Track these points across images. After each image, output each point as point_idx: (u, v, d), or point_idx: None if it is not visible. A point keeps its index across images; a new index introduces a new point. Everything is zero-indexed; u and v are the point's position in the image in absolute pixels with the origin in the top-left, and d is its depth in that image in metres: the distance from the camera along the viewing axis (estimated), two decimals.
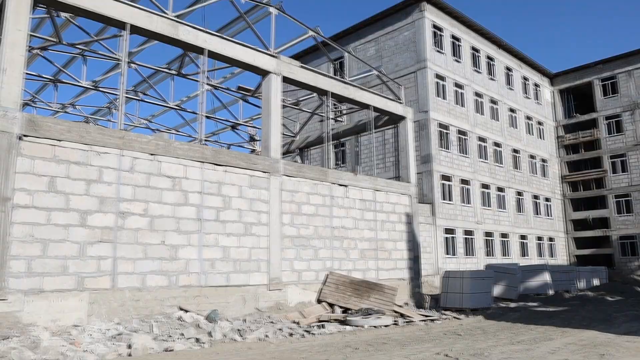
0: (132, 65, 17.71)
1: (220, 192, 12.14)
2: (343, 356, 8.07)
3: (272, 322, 11.47)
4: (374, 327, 11.93)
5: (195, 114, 21.65)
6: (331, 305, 13.66)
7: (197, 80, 17.87)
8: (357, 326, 11.89)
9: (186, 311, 10.81)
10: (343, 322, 12.27)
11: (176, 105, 21.10)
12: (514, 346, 9.03)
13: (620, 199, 34.99)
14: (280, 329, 10.79)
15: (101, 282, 9.98)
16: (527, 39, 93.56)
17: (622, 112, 35.50)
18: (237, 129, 23.50)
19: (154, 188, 11.01)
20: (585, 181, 37.41)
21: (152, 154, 11.08)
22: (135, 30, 11.71)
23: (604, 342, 9.44)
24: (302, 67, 14.97)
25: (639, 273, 32.49)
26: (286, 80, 14.61)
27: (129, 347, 8.35)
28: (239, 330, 10.27)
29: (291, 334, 10.53)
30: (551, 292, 21.87)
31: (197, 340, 9.31)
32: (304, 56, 30.67)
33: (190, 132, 24.90)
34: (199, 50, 12.79)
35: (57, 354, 7.75)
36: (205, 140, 23.56)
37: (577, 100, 39.61)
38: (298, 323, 11.85)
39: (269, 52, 14.03)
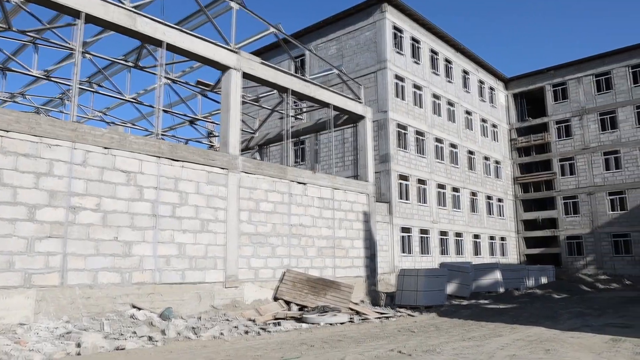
0: (87, 55, 17.12)
1: (177, 187, 11.93)
2: (298, 353, 8.10)
3: (227, 320, 11.37)
4: (330, 324, 12.02)
5: (153, 107, 21.16)
6: (288, 303, 13.67)
7: (154, 73, 17.48)
8: (313, 324, 11.95)
9: (139, 309, 10.57)
10: (299, 320, 12.31)
11: (132, 98, 20.55)
12: (465, 342, 9.30)
13: (568, 201, 36.59)
14: (235, 327, 10.72)
15: (50, 278, 9.63)
16: (484, 43, 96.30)
17: (571, 117, 37.11)
18: (195, 124, 23.12)
19: (107, 182, 10.71)
20: (536, 183, 38.94)
21: (106, 148, 10.77)
22: (91, 19, 11.34)
23: (550, 338, 9.86)
24: (262, 63, 14.89)
25: (584, 272, 34.10)
26: (246, 76, 14.50)
27: (78, 345, 8.10)
28: (193, 328, 10.13)
29: (247, 332, 10.48)
30: (502, 290, 22.64)
31: (150, 338, 9.13)
32: (265, 53, 30.50)
33: (146, 126, 24.32)
34: (158, 43, 12.51)
35: (1, 353, 7.43)
36: (162, 135, 23.06)
37: (530, 104, 41.15)
38: (254, 321, 11.80)
39: (229, 48, 13.87)
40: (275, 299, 13.78)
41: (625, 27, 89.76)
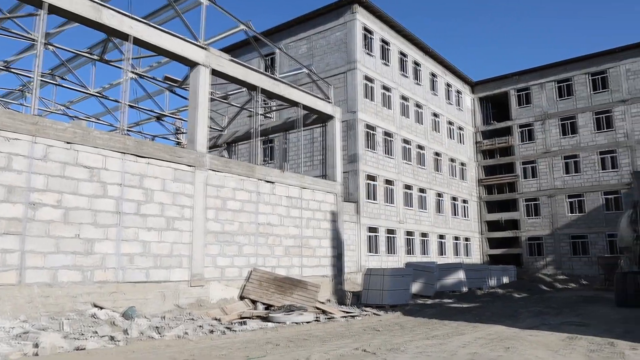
0: (50, 47, 16.59)
1: (142, 184, 11.70)
2: (263, 352, 8.08)
3: (192, 319, 11.23)
4: (296, 323, 12.03)
5: (118, 102, 20.67)
6: (254, 302, 13.61)
7: (120, 68, 17.08)
8: (279, 323, 11.93)
9: (101, 308, 10.33)
10: (265, 319, 12.27)
11: (97, 93, 20.03)
12: (428, 341, 9.47)
13: (530, 203, 37.69)
14: (200, 326, 10.60)
15: (6, 277, 9.30)
16: (452, 47, 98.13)
17: (534, 122, 38.23)
18: (162, 120, 22.72)
19: (69, 178, 10.41)
20: (500, 185, 39.96)
21: (68, 143, 10.47)
22: (54, 10, 11.00)
23: (510, 336, 10.14)
24: (232, 60, 14.77)
25: (544, 272, 35.20)
26: (215, 73, 14.35)
27: (36, 346, 7.85)
28: (157, 327, 9.97)
29: (212, 331, 10.38)
30: (465, 289, 23.14)
31: (112, 338, 8.93)
32: (235, 50, 30.23)
33: (111, 121, 23.77)
34: (124, 37, 12.24)
35: None
36: (128, 131, 22.56)
37: (495, 108, 42.19)
38: (219, 320, 11.70)
39: (198, 43, 13.70)
40: (242, 298, 13.69)
41: (586, 35, 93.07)
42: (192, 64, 13.73)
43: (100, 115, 23.76)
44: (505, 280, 29.23)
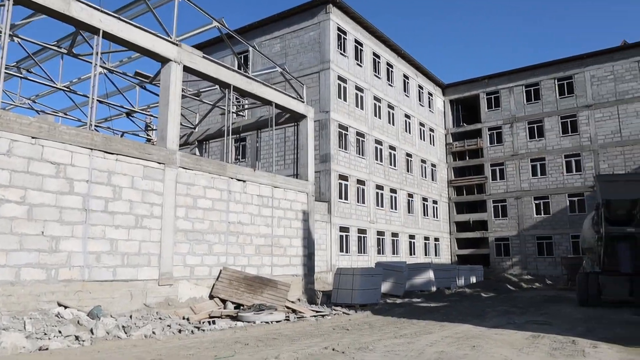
0: (16, 39, 16.07)
1: (111, 181, 11.47)
2: (232, 352, 8.03)
3: (160, 319, 11.08)
4: (266, 322, 12.00)
5: (86, 97, 20.19)
6: (224, 301, 13.51)
7: (89, 62, 16.67)
8: (248, 322, 11.88)
9: (66, 307, 10.08)
10: (235, 318, 12.20)
11: (65, 87, 19.50)
12: (397, 340, 9.58)
13: (498, 204, 38.53)
14: (168, 326, 10.47)
15: None
16: (424, 50, 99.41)
17: (502, 125, 39.09)
18: (132, 117, 22.29)
19: (34, 174, 10.12)
20: (469, 186, 40.73)
21: (33, 137, 10.18)
22: (20, 0, 10.67)
23: (476, 334, 10.35)
24: (204, 57, 14.61)
25: (510, 272, 36.05)
26: (187, 69, 14.17)
27: None
28: (124, 327, 9.79)
29: (180, 331, 10.27)
30: (434, 288, 23.49)
31: (77, 338, 8.73)
32: (208, 47, 29.94)
33: (80, 117, 23.16)
34: (94, 30, 11.96)
35: None
36: (96, 126, 22.05)
37: (466, 110, 42.98)
38: (188, 319, 11.58)
39: (170, 39, 13.50)
40: (211, 297, 13.57)
41: (553, 41, 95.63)
42: (163, 60, 13.53)
43: (68, 110, 23.14)
44: (473, 280, 29.81)
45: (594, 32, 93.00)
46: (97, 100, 19.21)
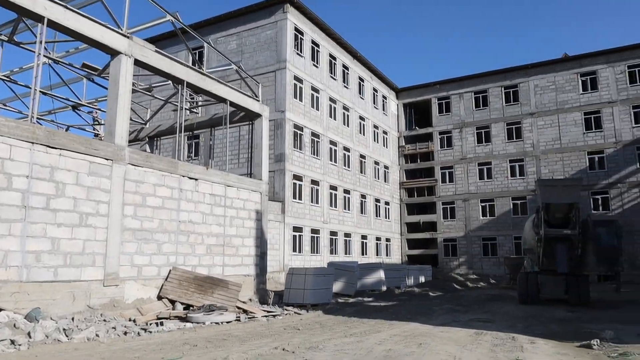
0: None
1: (53, 177, 10.97)
2: (180, 354, 7.87)
3: (105, 321, 10.69)
4: (216, 323, 11.83)
5: (29, 88, 19.23)
6: (173, 302, 13.20)
7: (32, 51, 15.89)
8: (198, 323, 11.67)
9: (0, 310, 9.55)
10: (184, 319, 11.96)
11: (5, 76, 18.49)
12: (347, 339, 9.68)
13: (447, 206, 39.66)
14: (113, 328, 10.12)
15: None
16: (379, 53, 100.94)
17: (452, 129, 40.27)
18: (78, 110, 21.40)
19: None
20: (420, 188, 41.71)
21: None
22: None
23: (423, 332, 10.62)
24: (157, 51, 14.24)
25: (457, 271, 37.20)
26: (139, 63, 13.76)
27: None
28: (64, 329, 9.38)
29: (126, 333, 9.95)
30: (384, 288, 23.89)
31: (13, 342, 8.29)
32: (161, 41, 29.23)
33: (21, 108, 22.02)
34: (37, 18, 11.40)
35: None
36: (39, 119, 21.06)
37: (418, 114, 43.99)
38: (134, 321, 11.24)
39: (120, 31, 13.07)
40: (160, 298, 13.23)
41: (503, 49, 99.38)
42: (113, 53, 13.07)
43: (7, 100, 21.93)
44: (422, 279, 30.53)
45: (538, 44, 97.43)
46: (40, 91, 18.34)
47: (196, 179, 15.00)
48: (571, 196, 16.82)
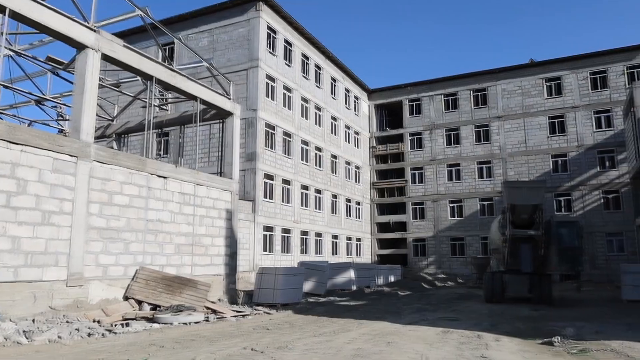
0: None
1: (15, 174, 10.60)
2: (146, 355, 7.72)
3: (68, 322, 10.40)
4: (184, 324, 11.67)
5: None
6: (140, 302, 12.95)
7: None
8: (166, 323, 11.48)
9: None
10: (151, 320, 11.74)
11: None
12: (316, 338, 9.69)
13: (417, 206, 40.16)
14: (77, 329, 9.86)
15: None
16: (352, 54, 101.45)
17: (423, 131, 40.81)
18: (42, 105, 20.76)
19: None
20: (391, 189, 42.12)
21: None
22: None
23: (392, 331, 10.73)
24: (125, 46, 13.93)
25: (426, 271, 37.71)
26: (107, 58, 13.44)
27: None
28: (25, 331, 9.08)
29: (90, 334, 9.70)
30: (354, 287, 24.02)
31: None
32: (131, 36, 28.59)
33: None
34: (0, 8, 11.00)
35: None
36: (0, 114, 20.35)
37: (390, 115, 44.42)
38: (99, 322, 10.98)
39: (87, 25, 12.73)
40: (126, 298, 12.95)
41: (473, 53, 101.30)
42: (80, 46, 12.73)
43: None
44: (392, 279, 30.82)
45: (506, 47, 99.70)
46: (2, 84, 17.73)
47: (165, 177, 14.75)
48: (536, 198, 17.26)
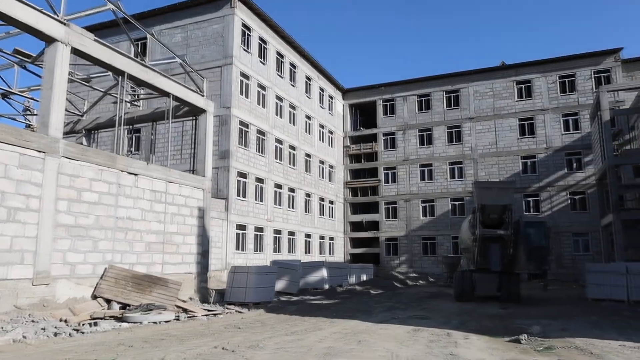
0: None
1: None
2: (114, 354, 7.62)
3: (33, 321, 10.16)
4: (154, 323, 11.53)
5: None
6: (109, 301, 12.73)
7: None
8: (135, 323, 11.33)
9: None
10: (120, 319, 11.57)
11: None
12: (288, 337, 9.72)
13: (389, 206, 40.54)
14: (43, 329, 9.64)
15: None
16: (327, 53, 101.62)
17: (396, 131, 41.21)
18: (9, 99, 20.17)
19: None
20: (364, 188, 42.40)
21: None
22: None
23: (363, 330, 10.83)
24: (96, 40, 13.66)
25: (398, 270, 38.11)
26: (77, 52, 13.15)
27: None
28: None
29: (56, 334, 9.50)
30: (327, 286, 24.11)
31: None
32: (102, 30, 28.02)
33: None
34: None
35: None
36: None
37: (364, 115, 44.69)
38: (66, 321, 10.75)
39: (57, 18, 12.44)
40: (95, 297, 12.71)
41: (446, 56, 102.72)
42: (49, 40, 12.42)
43: None
44: (364, 277, 31.03)
45: (478, 51, 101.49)
46: None
47: (136, 174, 14.54)
48: (505, 198, 17.66)
